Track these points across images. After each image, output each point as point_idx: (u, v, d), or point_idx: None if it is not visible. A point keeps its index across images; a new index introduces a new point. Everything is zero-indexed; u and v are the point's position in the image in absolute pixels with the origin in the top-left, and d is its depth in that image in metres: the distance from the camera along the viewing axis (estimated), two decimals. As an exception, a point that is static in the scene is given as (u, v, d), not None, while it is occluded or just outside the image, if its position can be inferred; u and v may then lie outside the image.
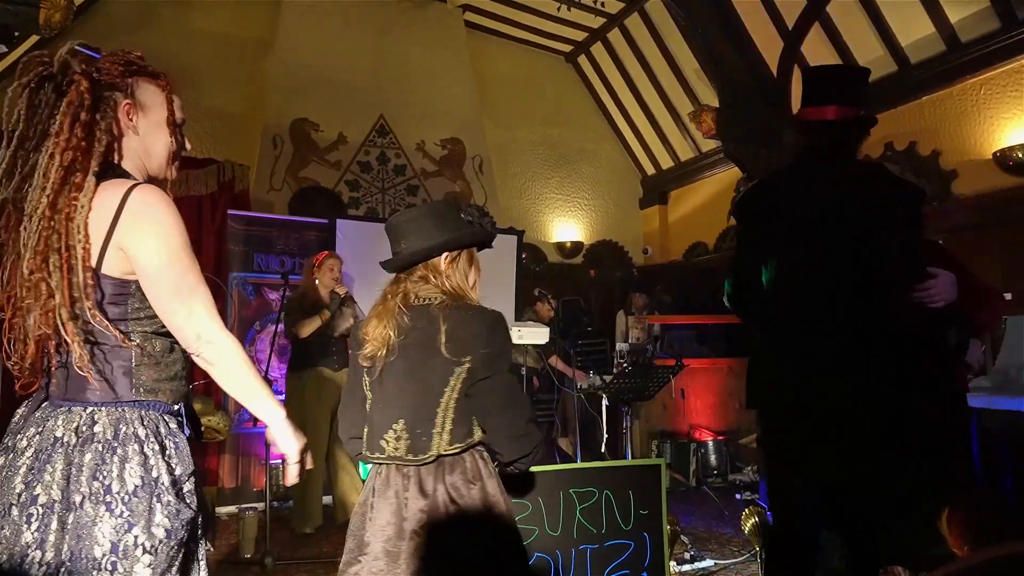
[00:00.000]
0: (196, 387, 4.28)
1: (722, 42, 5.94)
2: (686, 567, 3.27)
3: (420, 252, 1.66)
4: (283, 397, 4.67)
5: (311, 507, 4.12)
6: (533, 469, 2.60)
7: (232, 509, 4.65)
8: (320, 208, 6.21)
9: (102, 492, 1.18)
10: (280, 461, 4.81)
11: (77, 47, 1.28)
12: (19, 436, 1.24)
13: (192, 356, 1.33)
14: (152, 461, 1.23)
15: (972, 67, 4.99)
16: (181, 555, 1.26)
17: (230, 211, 5.22)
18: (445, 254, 1.69)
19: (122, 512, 1.18)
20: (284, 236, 5.35)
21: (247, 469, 4.95)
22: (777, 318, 2.01)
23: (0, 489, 1.19)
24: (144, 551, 1.18)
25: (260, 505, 3.77)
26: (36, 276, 1.21)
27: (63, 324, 1.21)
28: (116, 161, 1.32)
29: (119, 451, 1.21)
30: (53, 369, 1.29)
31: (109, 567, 1.16)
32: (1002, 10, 4.65)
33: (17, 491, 1.17)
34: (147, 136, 1.35)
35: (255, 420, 3.58)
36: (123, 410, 1.25)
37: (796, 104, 6.77)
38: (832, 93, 2.02)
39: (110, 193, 1.24)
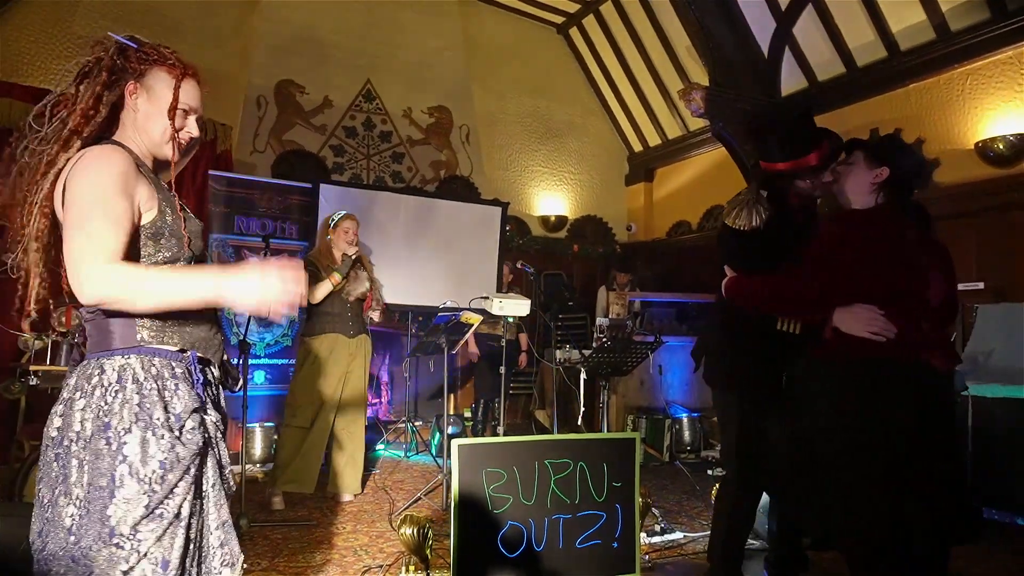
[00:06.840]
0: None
1: (715, 20, 5.90)
2: (656, 539, 3.34)
3: None
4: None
5: (303, 473, 3.97)
6: (511, 439, 2.63)
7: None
8: (303, 172, 6.13)
9: (103, 428, 1.32)
10: (256, 423, 4.82)
11: (115, 37, 1.46)
12: (63, 388, 1.41)
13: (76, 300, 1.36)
14: (149, 401, 1.35)
15: (960, 57, 5.01)
16: (184, 490, 1.36)
17: (211, 171, 5.14)
18: None
19: (120, 446, 1.31)
20: (266, 199, 5.29)
21: (224, 431, 4.95)
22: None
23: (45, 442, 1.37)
24: (138, 480, 1.31)
25: (236, 467, 3.77)
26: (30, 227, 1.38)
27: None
28: (113, 132, 1.47)
29: (120, 394, 1.34)
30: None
31: (110, 494, 1.30)
32: (992, 0, 4.66)
33: (51, 435, 1.35)
34: (147, 118, 1.48)
35: (234, 384, 3.56)
36: (128, 358, 1.37)
37: (785, 87, 6.74)
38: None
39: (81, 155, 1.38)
